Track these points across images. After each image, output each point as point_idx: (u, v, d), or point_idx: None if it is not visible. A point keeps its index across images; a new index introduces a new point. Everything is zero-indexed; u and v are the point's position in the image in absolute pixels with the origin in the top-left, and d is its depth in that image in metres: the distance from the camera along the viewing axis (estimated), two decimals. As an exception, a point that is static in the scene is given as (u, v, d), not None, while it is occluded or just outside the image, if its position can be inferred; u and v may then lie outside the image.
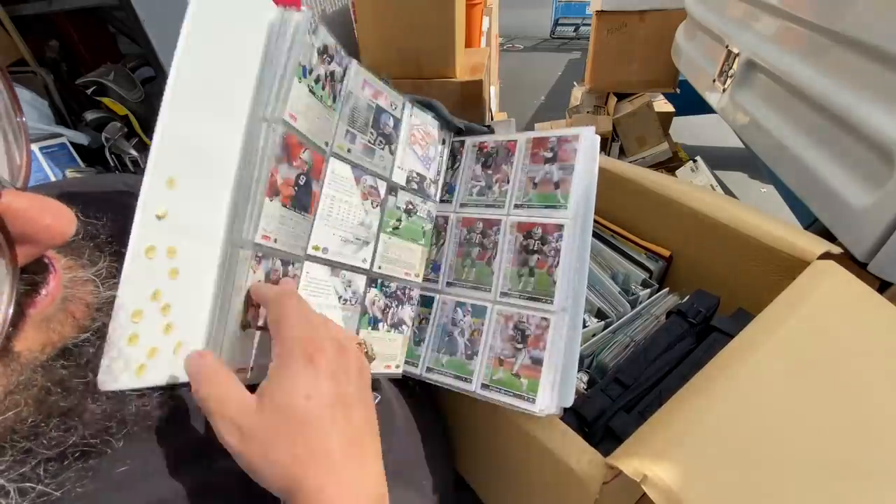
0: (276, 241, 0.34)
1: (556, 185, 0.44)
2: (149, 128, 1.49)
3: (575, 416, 0.44)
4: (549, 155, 0.45)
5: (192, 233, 0.29)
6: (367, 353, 0.33)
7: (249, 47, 0.33)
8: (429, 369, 0.45)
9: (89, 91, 1.44)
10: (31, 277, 0.22)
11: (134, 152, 1.43)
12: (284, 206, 0.35)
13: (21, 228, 0.19)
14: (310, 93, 0.36)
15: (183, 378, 0.29)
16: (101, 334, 0.25)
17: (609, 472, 0.34)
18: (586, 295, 0.57)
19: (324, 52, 0.37)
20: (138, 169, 1.44)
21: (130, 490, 0.26)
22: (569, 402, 0.39)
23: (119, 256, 0.27)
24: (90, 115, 1.45)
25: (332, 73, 0.39)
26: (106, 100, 1.45)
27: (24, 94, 1.10)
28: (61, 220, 0.21)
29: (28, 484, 0.22)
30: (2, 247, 0.19)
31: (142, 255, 0.26)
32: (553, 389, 0.39)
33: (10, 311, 0.19)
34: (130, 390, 0.26)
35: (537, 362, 0.40)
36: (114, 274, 0.27)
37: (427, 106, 0.50)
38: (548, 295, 0.41)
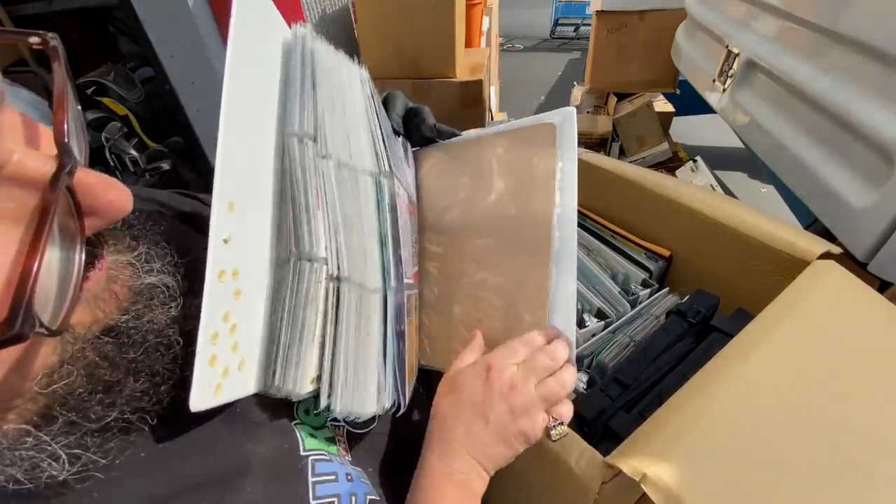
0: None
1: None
2: (148, 128, 1.49)
3: (574, 416, 0.44)
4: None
5: (249, 252, 0.31)
6: (549, 427, 0.36)
7: (272, 65, 0.35)
8: None
9: (89, 91, 1.44)
10: (90, 250, 0.23)
11: (134, 152, 1.43)
12: None
13: (89, 202, 0.21)
14: None
15: (246, 393, 0.30)
16: (139, 317, 0.26)
17: (608, 471, 0.34)
18: (587, 295, 0.57)
19: None
20: (138, 168, 1.44)
21: (169, 466, 0.27)
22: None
23: (152, 247, 0.28)
24: (90, 115, 1.45)
25: None
26: (106, 100, 1.45)
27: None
28: (123, 196, 0.22)
29: (77, 451, 0.23)
30: (74, 217, 0.20)
31: (216, 279, 0.28)
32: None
33: (82, 276, 0.21)
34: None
35: None
36: (150, 261, 0.28)
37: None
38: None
